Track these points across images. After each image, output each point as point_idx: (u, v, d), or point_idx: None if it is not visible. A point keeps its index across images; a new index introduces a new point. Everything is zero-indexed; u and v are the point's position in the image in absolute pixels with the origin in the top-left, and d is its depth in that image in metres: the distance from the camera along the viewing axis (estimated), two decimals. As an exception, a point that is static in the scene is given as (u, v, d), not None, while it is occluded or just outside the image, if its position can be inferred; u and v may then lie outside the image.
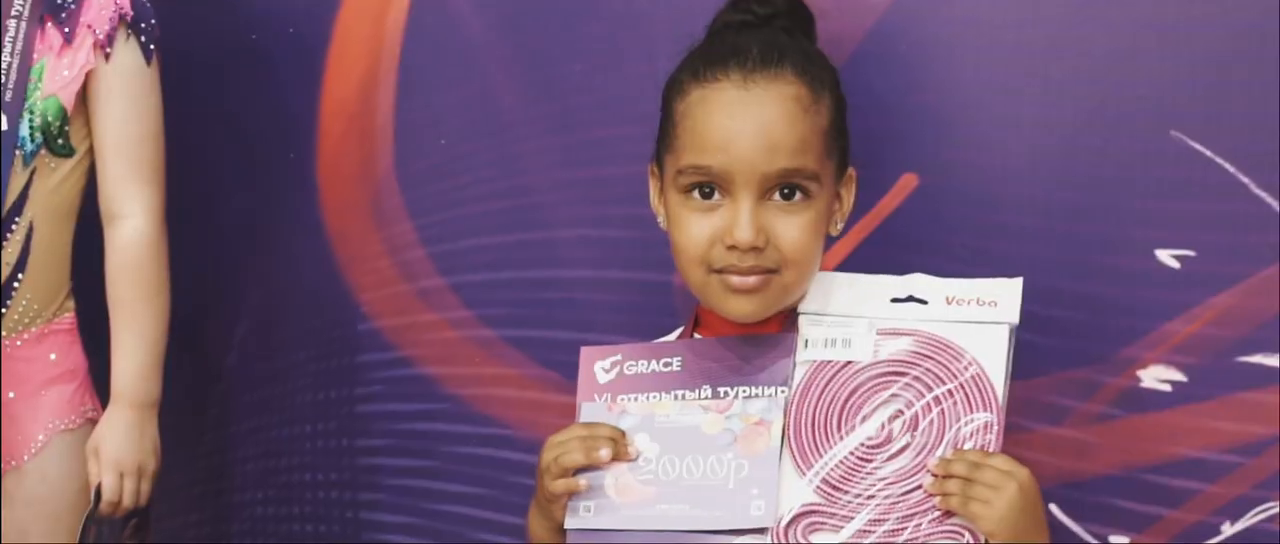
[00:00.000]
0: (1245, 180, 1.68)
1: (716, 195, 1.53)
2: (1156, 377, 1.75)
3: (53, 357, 2.01)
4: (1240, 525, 1.74)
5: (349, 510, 2.20)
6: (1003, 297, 1.55)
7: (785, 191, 1.53)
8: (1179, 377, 1.74)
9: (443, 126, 2.07)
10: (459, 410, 2.10)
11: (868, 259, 1.83)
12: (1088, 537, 1.79)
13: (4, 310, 1.98)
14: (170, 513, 2.35)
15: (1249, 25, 1.66)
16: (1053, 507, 1.80)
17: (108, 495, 1.96)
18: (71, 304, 2.04)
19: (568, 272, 2.02)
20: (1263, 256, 1.69)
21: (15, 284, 1.98)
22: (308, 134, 2.16)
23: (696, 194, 1.54)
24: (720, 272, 1.54)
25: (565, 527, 1.55)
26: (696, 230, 1.53)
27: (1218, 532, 1.75)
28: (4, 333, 1.99)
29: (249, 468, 2.28)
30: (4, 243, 1.96)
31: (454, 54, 2.05)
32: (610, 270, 1.98)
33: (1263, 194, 1.68)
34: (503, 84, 2.03)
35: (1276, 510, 1.72)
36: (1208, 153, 1.69)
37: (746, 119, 1.52)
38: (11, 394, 1.99)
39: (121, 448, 1.96)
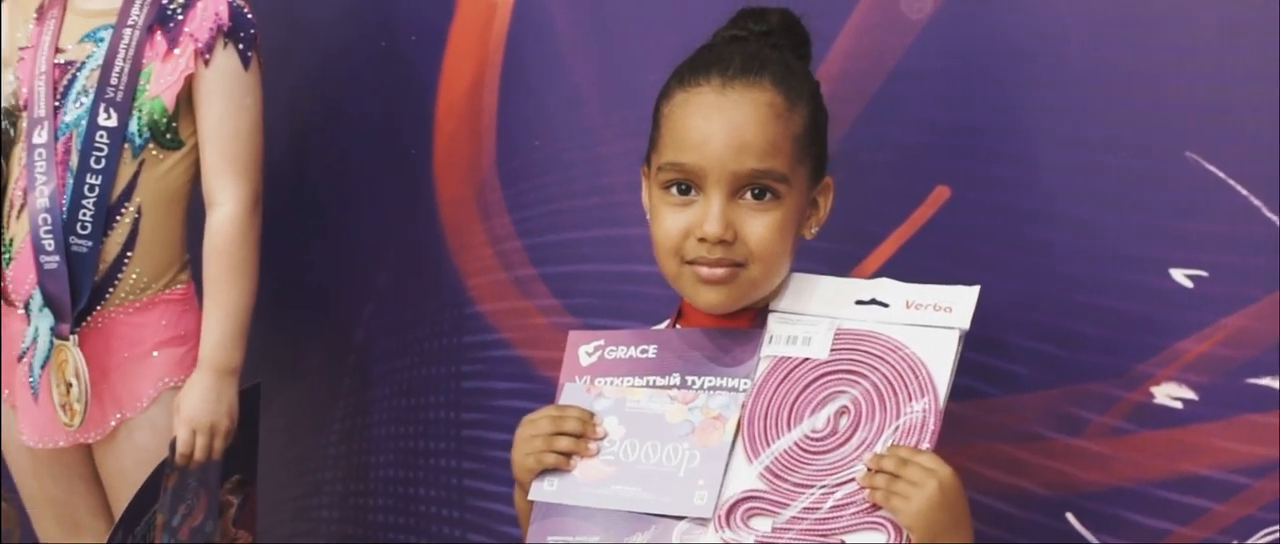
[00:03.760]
0: (1258, 203, 1.54)
1: (692, 192, 1.51)
2: (1169, 394, 1.62)
3: (163, 322, 2.06)
4: (1247, 546, 1.60)
5: (454, 477, 2.20)
6: (958, 303, 1.48)
7: (756, 191, 1.50)
8: (1190, 395, 1.60)
9: (537, 128, 2.06)
10: (548, 392, 2.08)
11: (903, 267, 1.73)
12: (1100, 547, 1.68)
13: (116, 283, 2.04)
14: (311, 469, 2.40)
15: (1262, 52, 1.53)
16: (1068, 515, 1.68)
17: (180, 448, 1.98)
18: (185, 277, 2.09)
19: (641, 266, 1.98)
20: (1273, 280, 1.54)
21: (125, 260, 2.04)
22: (426, 132, 2.17)
23: (674, 191, 1.52)
24: (692, 263, 1.51)
25: (530, 497, 1.53)
26: (671, 224, 1.51)
27: (1224, 551, 1.62)
28: (116, 302, 2.05)
29: (376, 433, 2.30)
30: (114, 224, 2.03)
31: (548, 63, 2.03)
32: (676, 267, 1.94)
33: (1274, 218, 1.54)
34: (589, 91, 2.01)
35: (1282, 534, 1.58)
36: (1221, 175, 1.56)
37: (721, 121, 1.49)
38: (126, 354, 2.05)
39: (197, 407, 2.00)
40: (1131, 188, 1.61)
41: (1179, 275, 1.59)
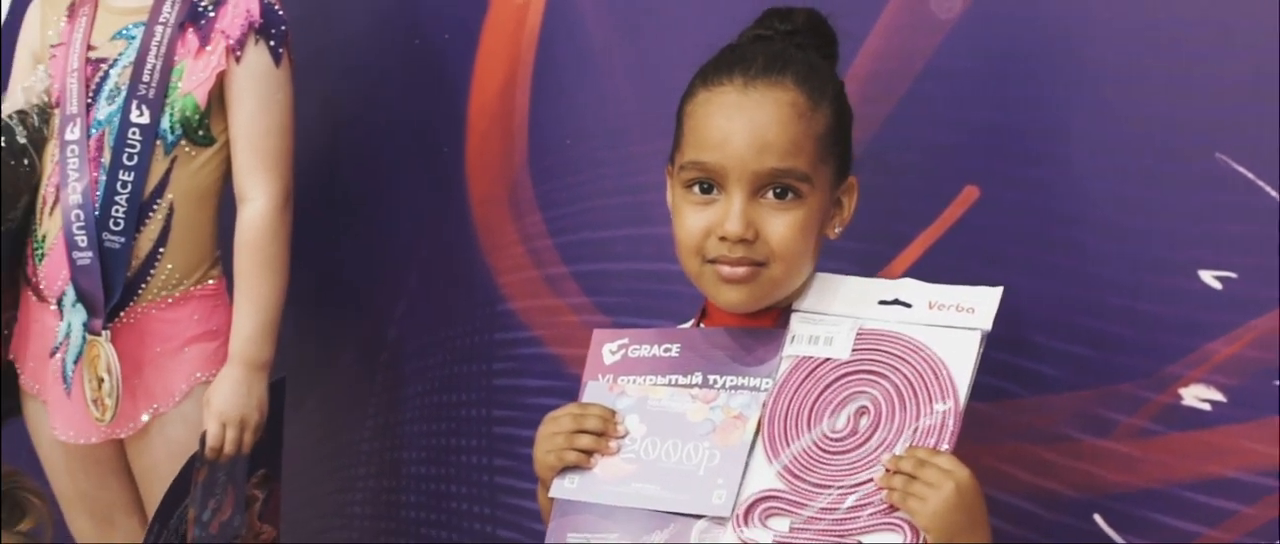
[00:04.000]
0: (1287, 206, 1.54)
1: (714, 191, 1.51)
2: (1197, 395, 1.60)
3: (195, 318, 2.07)
4: (1275, 550, 1.59)
5: (485, 474, 2.21)
6: (981, 304, 1.48)
7: (778, 191, 1.49)
8: (1219, 397, 1.59)
9: (568, 127, 2.06)
10: (579, 389, 2.10)
11: (931, 267, 1.73)
12: (1129, 549, 1.67)
13: (148, 279, 2.06)
14: (344, 465, 2.41)
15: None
16: (1096, 516, 1.67)
17: (210, 441, 2.00)
18: (217, 273, 2.10)
19: (671, 265, 1.98)
20: (1303, 282, 1.54)
21: (158, 256, 2.06)
22: (458, 130, 2.18)
23: (696, 189, 1.52)
24: (713, 262, 1.51)
25: (551, 494, 1.53)
26: (693, 223, 1.52)
27: (1252, 554, 1.60)
28: (148, 297, 2.06)
29: (408, 430, 2.30)
30: (147, 220, 2.04)
31: (580, 62, 2.03)
32: (708, 266, 1.94)
33: (1304, 221, 1.53)
34: (621, 90, 2.01)
35: (1313, 536, 1.57)
36: (1251, 177, 1.55)
37: (742, 120, 1.49)
38: (158, 349, 2.07)
39: (228, 401, 2.01)
40: (1161, 189, 1.60)
41: (1208, 277, 1.58)
